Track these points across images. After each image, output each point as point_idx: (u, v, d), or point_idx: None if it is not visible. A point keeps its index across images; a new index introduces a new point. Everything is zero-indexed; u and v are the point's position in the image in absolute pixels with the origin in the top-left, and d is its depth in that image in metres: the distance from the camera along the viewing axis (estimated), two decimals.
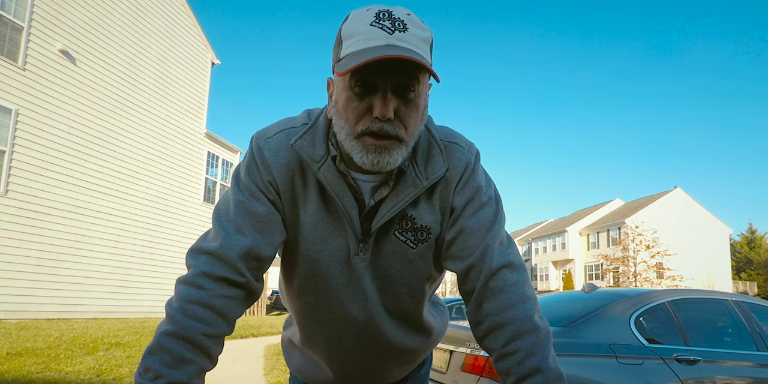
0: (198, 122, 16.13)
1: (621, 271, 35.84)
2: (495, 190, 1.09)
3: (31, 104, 10.54)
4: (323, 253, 1.04)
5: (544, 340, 0.96)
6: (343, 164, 0.99)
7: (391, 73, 0.87)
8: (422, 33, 0.90)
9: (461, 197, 1.04)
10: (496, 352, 0.98)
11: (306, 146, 0.99)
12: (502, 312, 0.97)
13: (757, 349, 3.45)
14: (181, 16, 15.50)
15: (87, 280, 11.70)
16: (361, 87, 0.89)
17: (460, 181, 1.04)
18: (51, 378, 4.58)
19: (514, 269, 1.01)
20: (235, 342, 9.16)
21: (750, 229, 55.55)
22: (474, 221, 1.03)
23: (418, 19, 0.92)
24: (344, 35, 0.91)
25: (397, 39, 0.87)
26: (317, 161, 0.98)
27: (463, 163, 1.04)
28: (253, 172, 1.01)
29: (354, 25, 0.90)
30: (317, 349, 1.18)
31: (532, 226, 63.01)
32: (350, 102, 0.91)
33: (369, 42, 0.87)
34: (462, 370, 3.04)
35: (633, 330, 3.12)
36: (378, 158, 0.91)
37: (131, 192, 13.18)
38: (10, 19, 10.20)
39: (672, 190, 45.28)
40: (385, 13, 0.88)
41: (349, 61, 0.87)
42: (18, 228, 10.21)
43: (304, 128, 1.01)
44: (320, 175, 0.98)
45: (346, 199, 0.99)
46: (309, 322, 1.15)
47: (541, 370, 0.93)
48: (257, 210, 0.99)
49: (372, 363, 1.19)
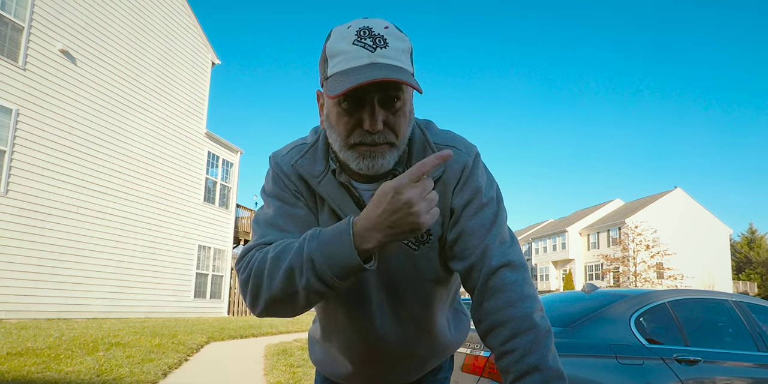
0: (198, 122, 16.13)
1: (621, 271, 35.86)
2: (497, 191, 1.11)
3: (31, 104, 10.54)
4: None
5: (543, 338, 0.97)
6: (343, 175, 1.05)
7: (376, 89, 0.93)
8: (402, 45, 0.96)
9: (460, 198, 1.06)
10: (496, 351, 1.00)
11: (306, 164, 1.07)
12: (501, 310, 0.99)
13: (757, 349, 3.45)
14: (181, 16, 15.51)
15: (87, 280, 11.71)
16: (349, 103, 0.95)
17: (459, 182, 1.06)
18: (51, 378, 4.58)
19: (513, 268, 1.02)
20: (235, 342, 9.17)
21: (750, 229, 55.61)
22: (474, 222, 1.05)
23: (397, 30, 0.97)
24: (329, 54, 0.97)
25: (380, 56, 0.92)
26: (317, 176, 1.06)
27: (460, 165, 1.07)
28: (280, 183, 1.09)
29: (337, 43, 0.95)
30: (333, 345, 1.24)
31: (532, 226, 63.05)
32: (341, 117, 0.97)
33: (353, 61, 0.93)
34: (462, 370, 3.04)
35: (633, 330, 3.12)
36: (372, 162, 0.98)
37: (132, 192, 13.19)
38: (11, 19, 10.20)
39: (672, 190, 45.30)
40: (365, 30, 0.94)
41: (336, 82, 0.93)
42: (18, 228, 10.22)
43: (306, 147, 1.10)
44: (320, 189, 1.06)
45: (347, 209, 1.05)
46: (324, 321, 1.22)
47: (539, 368, 0.94)
48: (298, 212, 1.06)
49: (379, 364, 1.22)
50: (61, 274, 11.05)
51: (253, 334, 10.52)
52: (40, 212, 10.65)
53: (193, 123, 15.86)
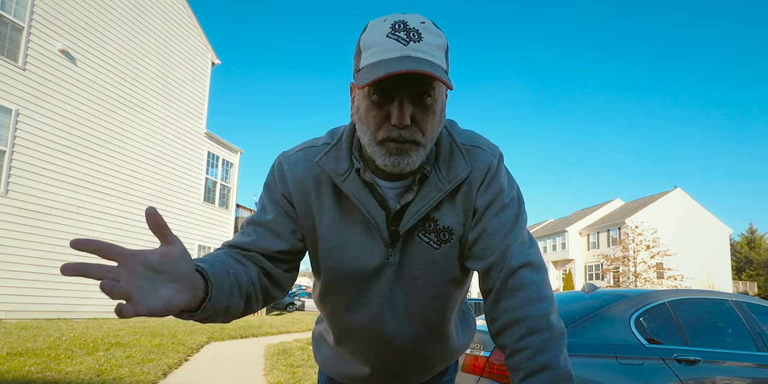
0: (198, 122, 16.13)
1: (621, 271, 35.83)
2: (518, 192, 1.12)
3: (31, 104, 10.54)
4: (340, 262, 1.09)
5: (557, 339, 0.97)
6: (368, 173, 1.04)
7: (406, 83, 0.91)
8: (437, 40, 0.94)
9: (483, 198, 1.06)
10: (508, 349, 0.99)
11: (330, 162, 1.06)
12: (518, 309, 0.99)
13: (757, 349, 3.45)
14: (181, 16, 15.50)
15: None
16: (379, 96, 0.94)
17: (483, 183, 1.07)
18: (51, 378, 4.58)
19: (533, 269, 1.03)
20: (235, 342, 9.17)
21: (750, 229, 55.55)
22: (496, 222, 1.05)
23: (433, 26, 0.96)
24: (363, 46, 0.95)
25: (412, 49, 0.91)
26: (341, 174, 1.04)
27: (486, 165, 1.07)
28: (269, 188, 1.11)
29: (371, 36, 0.94)
30: (344, 346, 1.24)
31: (532, 226, 63.01)
32: (370, 110, 0.96)
33: (385, 54, 0.91)
34: (462, 370, 3.04)
35: (633, 330, 3.12)
36: (398, 160, 0.96)
37: (131, 192, 13.19)
38: (11, 19, 10.20)
39: (672, 190, 45.26)
40: (400, 23, 0.92)
41: (366, 73, 0.92)
42: (18, 228, 10.21)
43: (327, 147, 1.09)
44: (345, 186, 1.04)
45: (371, 207, 1.04)
46: (335, 321, 1.22)
47: (550, 367, 0.94)
48: (265, 219, 1.09)
49: (390, 366, 1.23)
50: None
51: (253, 334, 10.52)
52: (40, 212, 10.65)
53: (192, 123, 15.85)
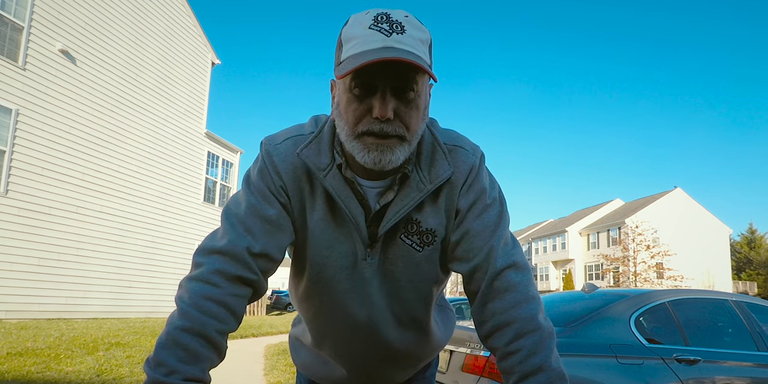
0: (198, 122, 16.13)
1: (621, 271, 35.84)
2: (500, 192, 1.10)
3: (31, 104, 10.54)
4: (329, 259, 1.06)
5: (547, 339, 0.97)
6: (349, 171, 1.00)
7: (389, 74, 0.88)
8: (420, 34, 0.91)
9: (466, 200, 1.04)
10: (499, 351, 0.99)
11: (311, 155, 1.00)
12: (507, 311, 0.98)
13: (757, 349, 3.45)
14: (181, 16, 15.50)
15: (87, 280, 11.70)
16: (361, 89, 0.90)
17: (465, 183, 1.04)
18: (51, 378, 4.58)
19: (518, 270, 1.02)
20: (235, 342, 9.16)
21: (750, 229, 55.52)
22: (479, 223, 1.04)
23: (417, 21, 0.93)
24: (344, 39, 0.93)
25: (395, 41, 0.88)
26: (323, 169, 1.00)
27: (468, 166, 1.04)
28: (265, 176, 1.03)
29: (353, 28, 0.92)
30: (324, 349, 1.21)
31: (532, 226, 63.01)
32: (350, 104, 0.92)
33: (367, 45, 0.88)
34: (462, 370, 3.04)
35: (633, 330, 3.12)
36: (380, 156, 0.92)
37: (131, 192, 13.18)
38: (11, 19, 10.20)
39: (672, 190, 45.27)
40: (383, 16, 0.90)
41: (347, 64, 0.89)
42: (18, 228, 10.21)
43: (310, 137, 1.03)
44: (326, 182, 1.00)
45: (352, 205, 1.00)
46: (316, 323, 1.18)
47: (543, 368, 0.94)
48: (268, 213, 1.00)
49: (376, 365, 1.21)
50: (61, 274, 11.04)
51: (253, 334, 10.53)
52: (40, 212, 10.64)
53: (192, 123, 15.85)
